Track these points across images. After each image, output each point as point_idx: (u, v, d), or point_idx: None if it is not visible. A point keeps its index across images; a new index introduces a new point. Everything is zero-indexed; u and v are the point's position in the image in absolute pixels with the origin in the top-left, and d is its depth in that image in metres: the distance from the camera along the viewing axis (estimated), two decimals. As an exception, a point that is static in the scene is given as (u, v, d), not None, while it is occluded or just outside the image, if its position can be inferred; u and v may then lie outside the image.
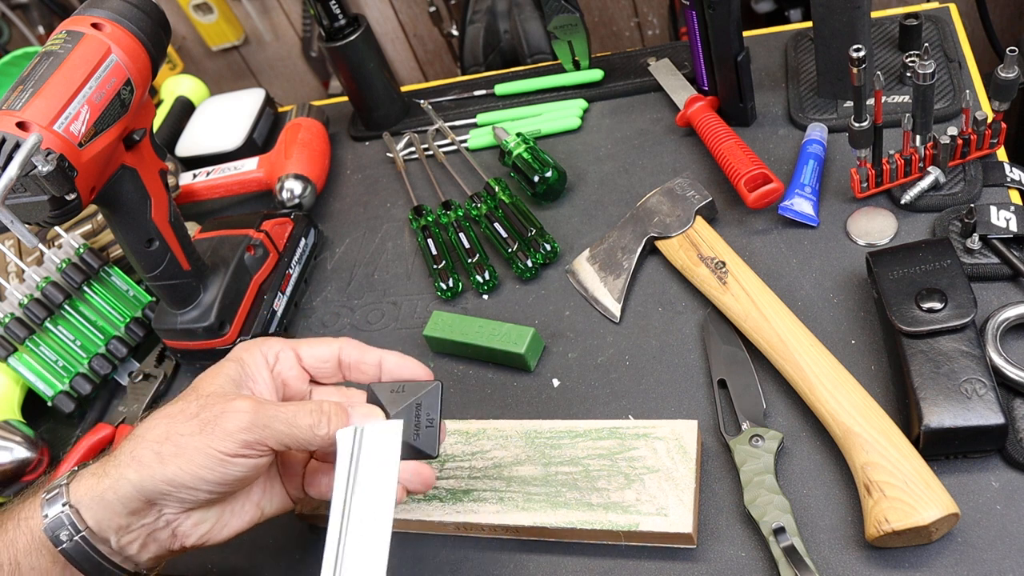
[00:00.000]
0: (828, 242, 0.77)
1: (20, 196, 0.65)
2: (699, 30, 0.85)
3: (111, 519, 0.55)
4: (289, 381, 0.62)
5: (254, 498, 0.61)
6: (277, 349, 0.62)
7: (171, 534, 0.58)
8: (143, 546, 0.57)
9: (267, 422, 0.55)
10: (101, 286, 0.93)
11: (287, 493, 0.62)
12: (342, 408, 0.59)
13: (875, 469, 0.58)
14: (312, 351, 0.63)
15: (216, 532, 0.59)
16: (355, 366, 0.63)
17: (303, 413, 0.57)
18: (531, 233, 0.86)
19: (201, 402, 0.56)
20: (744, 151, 0.82)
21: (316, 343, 0.64)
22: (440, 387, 0.62)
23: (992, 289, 0.69)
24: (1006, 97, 0.70)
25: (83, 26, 0.70)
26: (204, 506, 0.57)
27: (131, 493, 0.54)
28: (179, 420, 0.55)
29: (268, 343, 0.63)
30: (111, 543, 0.56)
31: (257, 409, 0.55)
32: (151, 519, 0.56)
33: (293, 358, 0.63)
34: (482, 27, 1.50)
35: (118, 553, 0.56)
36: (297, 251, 0.95)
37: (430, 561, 0.68)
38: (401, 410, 0.61)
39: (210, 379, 0.59)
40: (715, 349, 0.73)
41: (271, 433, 0.55)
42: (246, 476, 0.56)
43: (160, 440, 0.55)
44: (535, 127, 1.00)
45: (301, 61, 1.95)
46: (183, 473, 0.54)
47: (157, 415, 0.57)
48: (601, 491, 0.64)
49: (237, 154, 1.10)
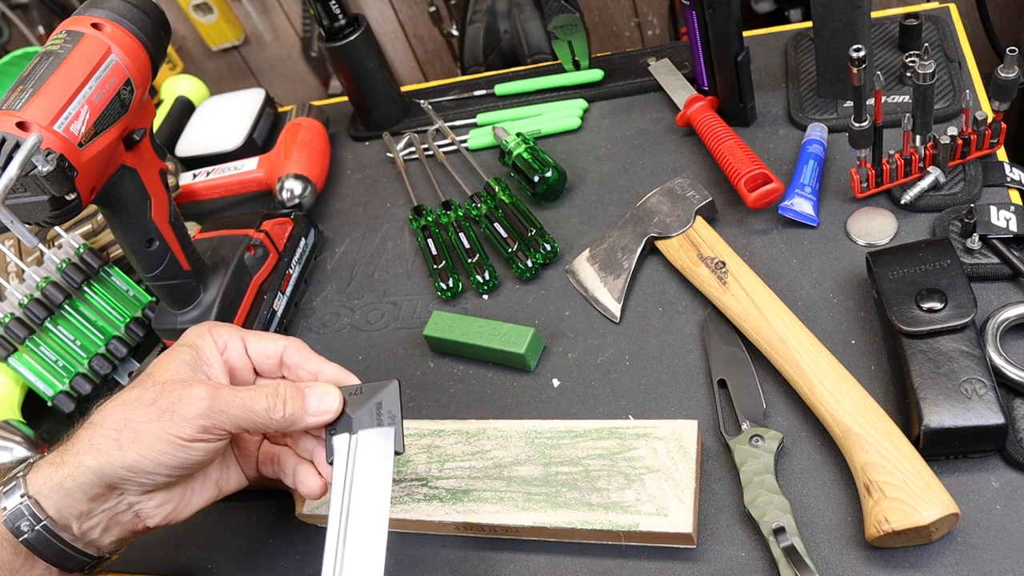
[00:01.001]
0: (828, 242, 0.77)
1: (20, 196, 0.65)
2: (699, 30, 0.85)
3: (72, 506, 0.56)
4: (236, 369, 0.63)
5: (212, 477, 0.62)
6: (226, 337, 0.62)
7: (134, 516, 0.59)
8: (106, 529, 0.58)
9: (224, 407, 0.56)
10: (101, 286, 0.93)
11: (243, 472, 0.64)
12: (298, 389, 0.60)
13: (875, 469, 0.58)
14: (258, 344, 0.64)
15: (179, 511, 0.60)
16: (294, 369, 0.64)
17: (259, 397, 0.58)
18: (531, 233, 0.86)
19: (158, 389, 0.56)
20: (744, 151, 0.82)
21: (263, 337, 0.64)
22: (398, 384, 0.62)
23: (992, 289, 0.69)
24: (1006, 97, 0.70)
25: (83, 26, 0.70)
26: (165, 488, 0.58)
27: (91, 479, 0.55)
28: (136, 407, 0.56)
29: (218, 329, 0.63)
30: (73, 529, 0.57)
31: (214, 394, 0.56)
32: (112, 503, 0.57)
33: (241, 347, 0.63)
34: (482, 27, 1.50)
35: (80, 539, 0.57)
36: (297, 251, 0.95)
37: (430, 561, 0.68)
38: (363, 410, 0.61)
39: (165, 365, 0.59)
40: (715, 349, 0.73)
41: (228, 418, 0.56)
42: (204, 459, 0.58)
43: (118, 427, 0.55)
44: (535, 127, 1.00)
45: (301, 61, 1.95)
46: (142, 459, 0.55)
47: (113, 402, 0.57)
48: (601, 491, 0.64)
49: (237, 154, 1.10)
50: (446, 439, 0.72)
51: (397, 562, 0.70)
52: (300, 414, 0.59)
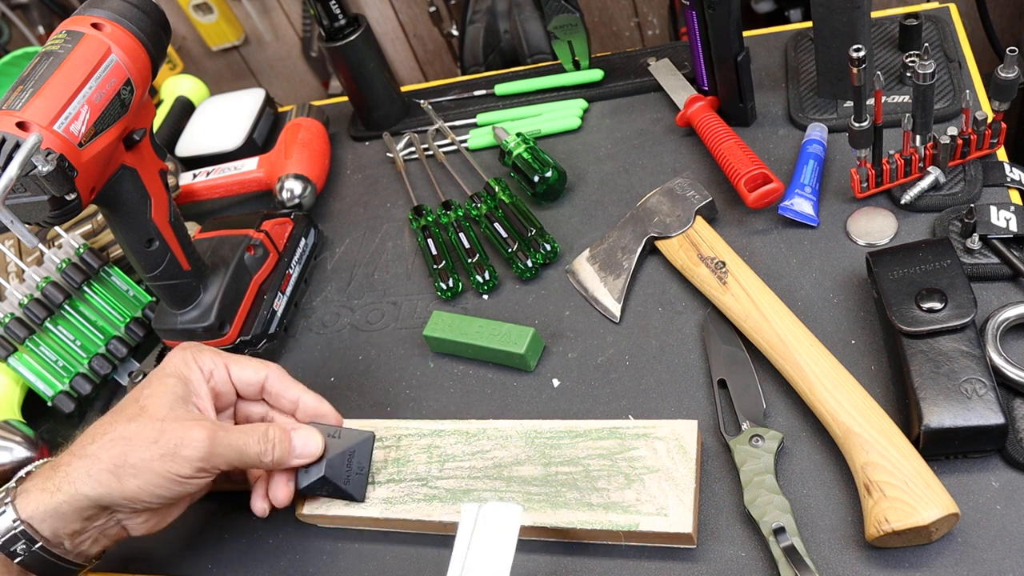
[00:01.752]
0: (828, 242, 0.77)
1: (20, 196, 0.65)
2: (699, 30, 0.85)
3: (66, 527, 0.61)
4: (221, 395, 0.69)
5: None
6: (211, 365, 0.67)
7: (120, 528, 0.65)
8: (94, 542, 0.64)
9: (221, 451, 0.62)
10: (101, 286, 0.93)
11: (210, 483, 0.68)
12: (285, 433, 0.66)
13: (875, 469, 0.58)
14: (240, 373, 0.69)
15: (161, 523, 0.66)
16: (276, 396, 0.71)
17: (252, 442, 0.64)
18: (531, 233, 0.86)
19: (157, 427, 0.61)
20: (744, 151, 0.82)
21: (245, 364, 0.69)
22: (372, 438, 0.70)
23: (992, 289, 0.69)
24: (1006, 97, 0.70)
25: (83, 26, 0.70)
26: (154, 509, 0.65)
27: (87, 505, 0.60)
28: (137, 445, 0.61)
29: (203, 357, 0.67)
30: (65, 546, 0.62)
31: (213, 439, 0.62)
32: (103, 521, 0.63)
33: (225, 374, 0.69)
34: (482, 27, 1.50)
35: (71, 552, 0.63)
36: (297, 251, 0.95)
37: (430, 561, 0.68)
38: (335, 455, 0.68)
39: (158, 398, 0.63)
40: (715, 349, 0.73)
41: (224, 460, 0.63)
42: (197, 492, 0.65)
43: (118, 462, 0.60)
44: (535, 127, 1.00)
45: (301, 61, 1.95)
46: (141, 491, 0.61)
47: (108, 433, 0.61)
48: (601, 491, 0.64)
49: (237, 154, 1.10)
50: (446, 439, 0.72)
51: (397, 562, 0.70)
52: (287, 457, 0.66)
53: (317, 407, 0.70)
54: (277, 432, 0.65)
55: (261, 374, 0.69)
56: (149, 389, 0.64)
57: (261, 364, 0.70)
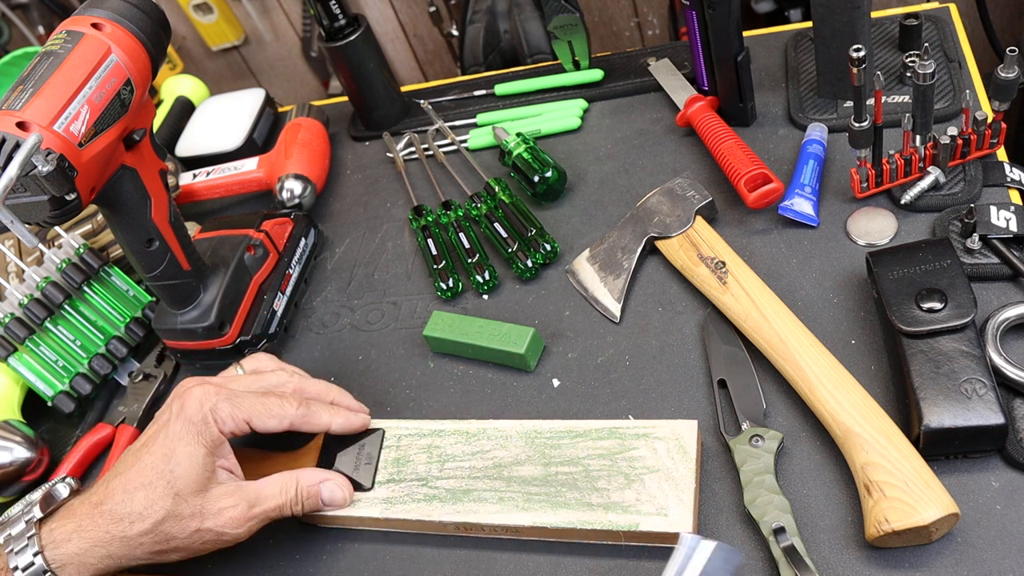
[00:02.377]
0: (828, 242, 0.77)
1: (20, 196, 0.65)
2: (699, 30, 0.85)
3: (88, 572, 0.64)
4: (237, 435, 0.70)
5: None
6: (232, 426, 0.68)
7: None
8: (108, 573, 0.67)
9: (256, 514, 0.67)
10: (101, 286, 0.93)
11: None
12: (314, 488, 0.69)
13: (875, 469, 0.58)
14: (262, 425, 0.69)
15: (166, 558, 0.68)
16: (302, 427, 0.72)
17: (286, 505, 0.68)
18: (531, 233, 0.86)
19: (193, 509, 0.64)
20: (744, 151, 0.82)
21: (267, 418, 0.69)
22: (383, 433, 0.74)
23: (992, 289, 0.69)
24: (1006, 97, 0.70)
25: (83, 26, 0.70)
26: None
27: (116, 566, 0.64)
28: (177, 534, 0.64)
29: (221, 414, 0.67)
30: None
31: (249, 512, 0.66)
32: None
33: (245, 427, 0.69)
34: (482, 27, 1.50)
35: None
36: (297, 251, 0.95)
37: (430, 561, 0.68)
38: (348, 449, 0.73)
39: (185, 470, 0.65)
40: (715, 349, 0.73)
41: (258, 521, 0.67)
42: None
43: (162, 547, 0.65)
44: (535, 127, 1.00)
45: (301, 61, 1.95)
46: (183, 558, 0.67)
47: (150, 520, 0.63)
48: (601, 491, 0.64)
49: (237, 154, 1.10)
50: (446, 439, 0.72)
51: (397, 562, 0.70)
52: (316, 506, 0.69)
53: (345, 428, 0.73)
54: (303, 489, 0.68)
55: (284, 423, 0.70)
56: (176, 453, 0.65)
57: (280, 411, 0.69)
